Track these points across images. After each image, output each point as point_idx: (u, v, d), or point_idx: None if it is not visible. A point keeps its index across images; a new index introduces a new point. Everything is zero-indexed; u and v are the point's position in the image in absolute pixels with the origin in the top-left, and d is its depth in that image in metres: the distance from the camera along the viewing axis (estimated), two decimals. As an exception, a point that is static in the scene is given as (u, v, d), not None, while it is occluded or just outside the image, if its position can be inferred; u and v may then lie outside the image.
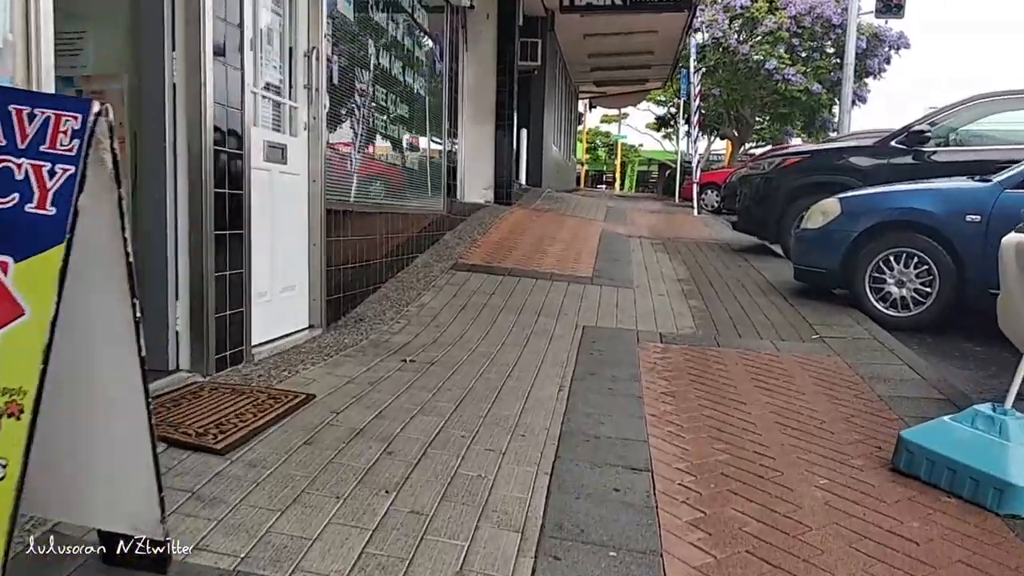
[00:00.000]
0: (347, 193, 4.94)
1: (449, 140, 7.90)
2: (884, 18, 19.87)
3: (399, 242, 6.07)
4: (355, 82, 5.12)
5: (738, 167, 18.33)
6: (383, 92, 5.62)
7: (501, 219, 9.20)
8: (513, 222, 9.23)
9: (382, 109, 5.59)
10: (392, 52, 5.81)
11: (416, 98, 6.54)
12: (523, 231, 8.72)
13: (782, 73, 19.33)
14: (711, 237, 10.16)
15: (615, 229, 10.18)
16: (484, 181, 12.50)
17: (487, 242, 7.74)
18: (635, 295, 6.03)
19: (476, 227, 8.36)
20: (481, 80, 12.46)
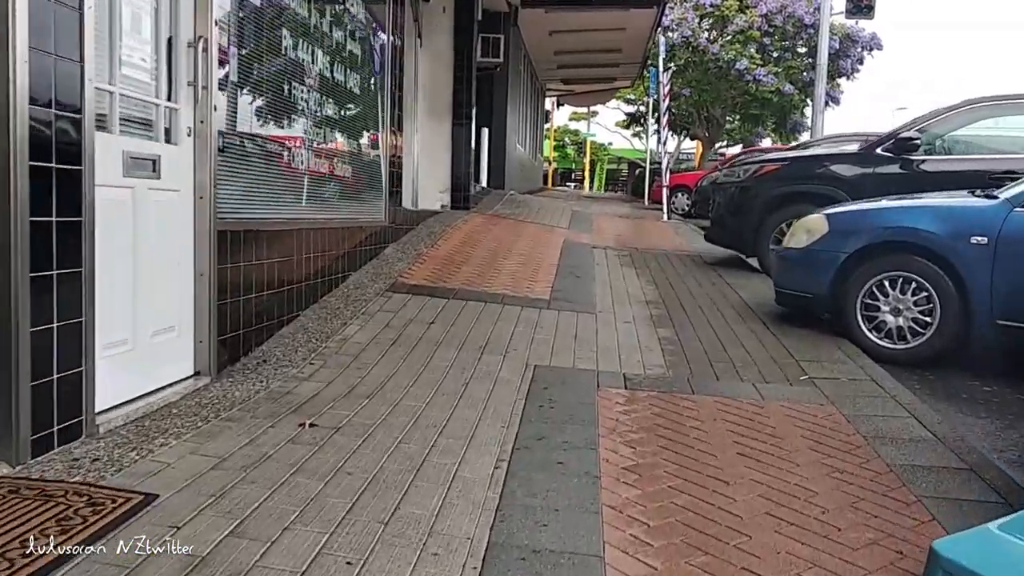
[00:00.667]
0: (250, 208, 4.12)
1: (393, 141, 7.10)
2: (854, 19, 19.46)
3: (325, 261, 5.26)
4: (262, 78, 4.30)
5: (710, 170, 17.79)
6: (302, 89, 4.81)
7: (454, 228, 8.42)
8: (467, 231, 8.45)
9: (300, 108, 4.78)
10: (315, 43, 4.99)
11: (348, 95, 5.73)
12: (477, 242, 7.95)
13: (753, 73, 18.79)
14: (682, 248, 9.47)
15: (579, 238, 9.45)
16: (440, 184, 11.76)
17: (434, 256, 6.95)
18: (597, 322, 5.28)
19: (424, 238, 7.57)
20: (437, 77, 11.69)
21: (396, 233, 7.28)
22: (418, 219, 8.35)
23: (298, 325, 4.63)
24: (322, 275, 5.22)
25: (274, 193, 4.45)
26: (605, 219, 12.98)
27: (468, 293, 5.77)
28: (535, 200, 14.80)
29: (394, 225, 7.18)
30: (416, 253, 6.91)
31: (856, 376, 4.34)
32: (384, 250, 6.82)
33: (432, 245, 7.35)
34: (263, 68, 4.32)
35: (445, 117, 11.76)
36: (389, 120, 6.89)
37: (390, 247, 6.97)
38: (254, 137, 4.24)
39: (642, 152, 43.65)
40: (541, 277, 6.60)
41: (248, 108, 4.14)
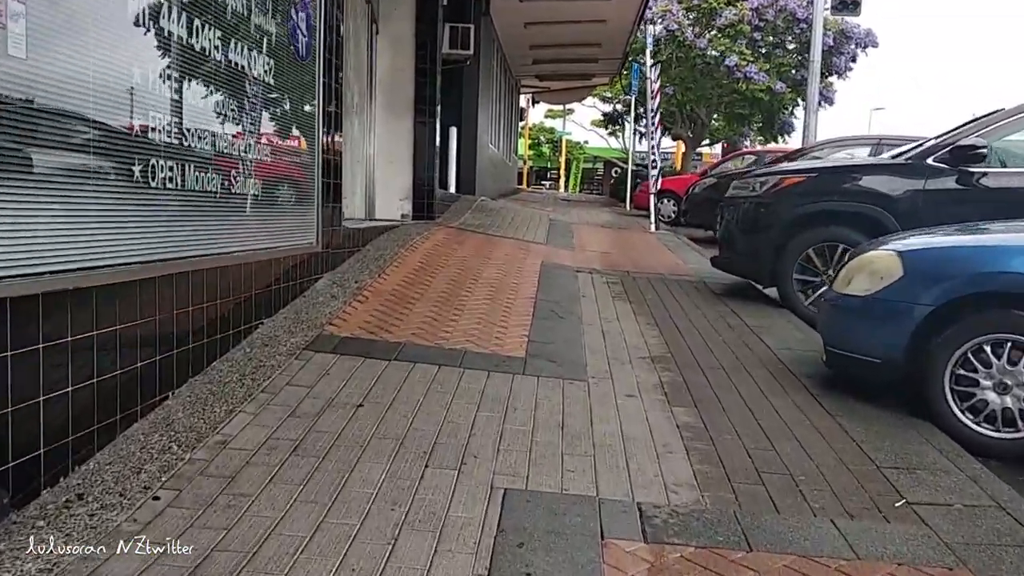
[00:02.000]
0: (59, 253, 2.64)
1: (328, 145, 5.64)
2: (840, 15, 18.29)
3: (217, 312, 3.80)
4: (87, 42, 2.82)
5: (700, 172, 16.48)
6: (170, 75, 3.33)
7: (410, 247, 6.96)
8: (426, 252, 7.00)
9: (164, 99, 3.30)
10: (191, 10, 3.51)
11: (252, 84, 4.25)
12: (437, 267, 6.50)
13: (744, 70, 17.51)
14: (679, 270, 8.11)
15: (559, 258, 8.05)
16: (400, 191, 10.31)
17: (380, 290, 5.50)
18: (591, 397, 3.87)
19: (370, 264, 6.11)
20: (397, 69, 10.24)
21: (333, 259, 5.81)
22: (366, 237, 6.88)
23: (159, 419, 3.15)
24: (212, 332, 3.75)
25: (114, 224, 2.97)
26: (587, 230, 11.60)
27: (417, 350, 4.33)
28: (509, 207, 13.39)
29: (330, 249, 5.72)
30: (357, 286, 5.46)
31: (974, 498, 2.98)
32: (315, 284, 5.36)
33: (379, 274, 5.89)
34: (93, 33, 2.84)
35: (406, 114, 10.31)
36: (322, 119, 5.43)
37: (324, 279, 5.51)
38: (64, 135, 2.75)
39: (618, 151, 42.53)
40: (515, 320, 5.18)
41: (56, 90, 2.65)
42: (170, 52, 3.30)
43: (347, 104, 7.44)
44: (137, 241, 3.07)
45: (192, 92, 3.49)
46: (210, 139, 3.67)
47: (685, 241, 10.90)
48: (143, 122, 3.09)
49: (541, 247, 8.73)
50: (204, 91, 3.65)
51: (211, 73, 3.69)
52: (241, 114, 4.09)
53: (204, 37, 3.58)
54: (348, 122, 7.64)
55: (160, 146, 3.20)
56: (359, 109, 8.36)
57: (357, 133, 8.24)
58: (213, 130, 3.72)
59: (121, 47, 2.95)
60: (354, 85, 7.88)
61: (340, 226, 6.04)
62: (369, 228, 7.17)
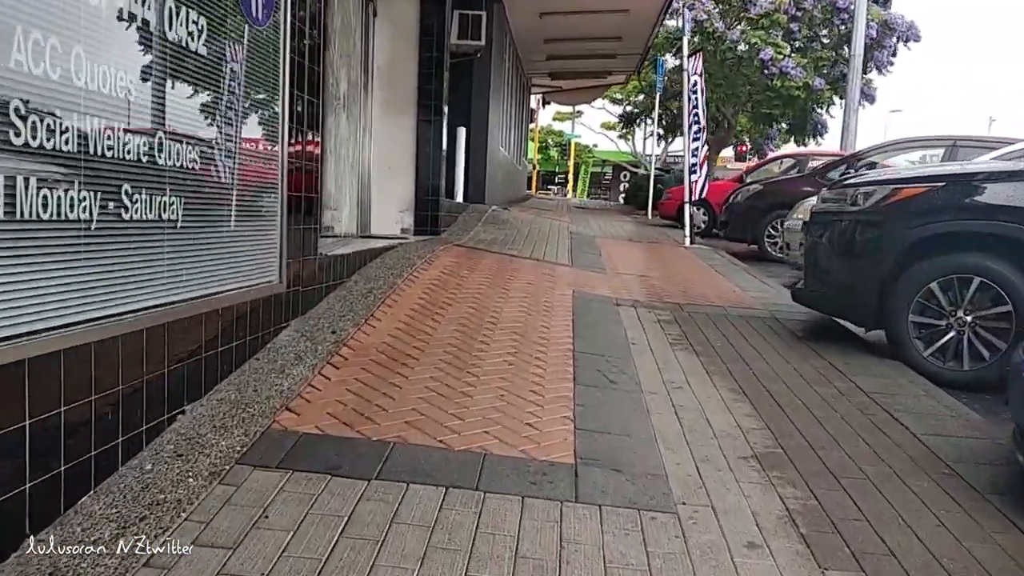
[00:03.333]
0: None
1: (299, 148, 4.21)
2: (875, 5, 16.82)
3: (109, 402, 2.36)
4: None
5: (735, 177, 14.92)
6: None
7: (409, 278, 5.51)
8: (429, 284, 5.55)
9: None
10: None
11: (172, 55, 2.81)
12: (443, 306, 5.05)
13: (779, 65, 16.01)
14: (739, 299, 6.63)
15: (592, 284, 6.59)
16: (401, 202, 8.90)
17: (365, 346, 4.04)
18: (689, 553, 2.41)
19: (356, 304, 4.66)
20: (398, 58, 8.85)
21: (305, 299, 4.36)
22: (353, 264, 5.44)
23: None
24: (84, 446, 2.31)
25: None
26: (613, 245, 10.13)
27: (412, 457, 2.86)
28: (523, 218, 11.93)
29: (301, 287, 4.27)
30: (334, 340, 4.00)
31: None
32: (275, 339, 3.91)
33: (366, 318, 4.44)
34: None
35: (408, 112, 8.90)
36: (289, 111, 3.99)
37: (289, 330, 4.06)
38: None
39: (628, 155, 41.06)
40: (551, 389, 3.71)
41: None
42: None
43: (331, 94, 6.00)
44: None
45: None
46: (76, 131, 2.23)
47: (730, 259, 9.41)
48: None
49: (567, 270, 7.27)
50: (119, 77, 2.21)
51: (88, 24, 2.25)
52: (146, 96, 2.64)
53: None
54: (334, 118, 6.20)
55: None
56: (350, 103, 6.92)
57: (346, 131, 6.79)
58: (95, 117, 2.28)
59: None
60: (342, 72, 6.44)
61: (315, 254, 4.59)
62: (358, 252, 5.72)
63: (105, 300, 2.43)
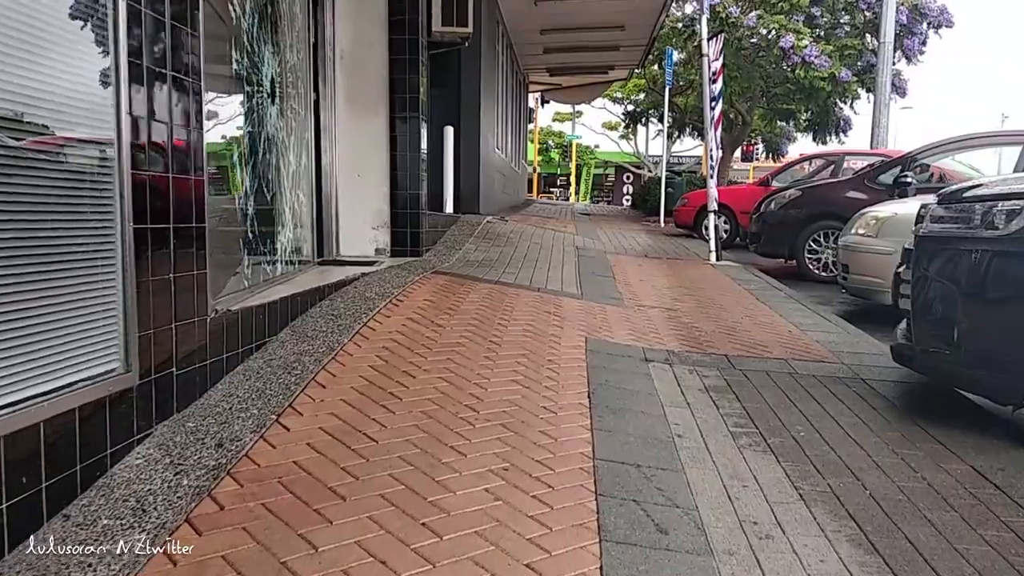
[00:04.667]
0: None
1: (164, 139, 2.70)
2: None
3: None
4: None
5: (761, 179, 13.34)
6: None
7: (361, 334, 3.99)
8: (388, 341, 4.02)
9: None
10: None
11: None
12: (401, 384, 3.52)
13: (801, 53, 14.47)
14: (803, 344, 5.09)
15: (610, 328, 5.07)
16: (372, 216, 7.43)
17: (263, 476, 2.52)
18: None
19: (269, 385, 3.14)
20: (363, 43, 7.41)
21: (182, 391, 2.85)
22: (286, 313, 3.93)
23: None
24: None
25: None
26: (629, 265, 8.60)
27: None
28: (522, 230, 10.41)
29: (171, 371, 2.76)
30: (213, 467, 2.48)
31: None
32: (117, 466, 2.40)
33: (277, 416, 2.92)
34: None
35: (379, 108, 7.43)
36: (125, 94, 2.48)
37: (144, 447, 2.54)
38: None
39: (631, 155, 39.53)
40: (562, 559, 2.20)
41: None
42: None
43: (234, 76, 4.44)
44: None
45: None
46: None
47: (767, 281, 7.89)
48: None
49: (576, 304, 5.75)
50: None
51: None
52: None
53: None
54: (252, 112, 4.65)
55: None
56: (288, 94, 5.40)
57: (284, 131, 5.25)
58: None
59: None
60: (264, 50, 4.90)
61: (206, 313, 3.07)
62: (297, 295, 4.20)
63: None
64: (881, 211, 6.43)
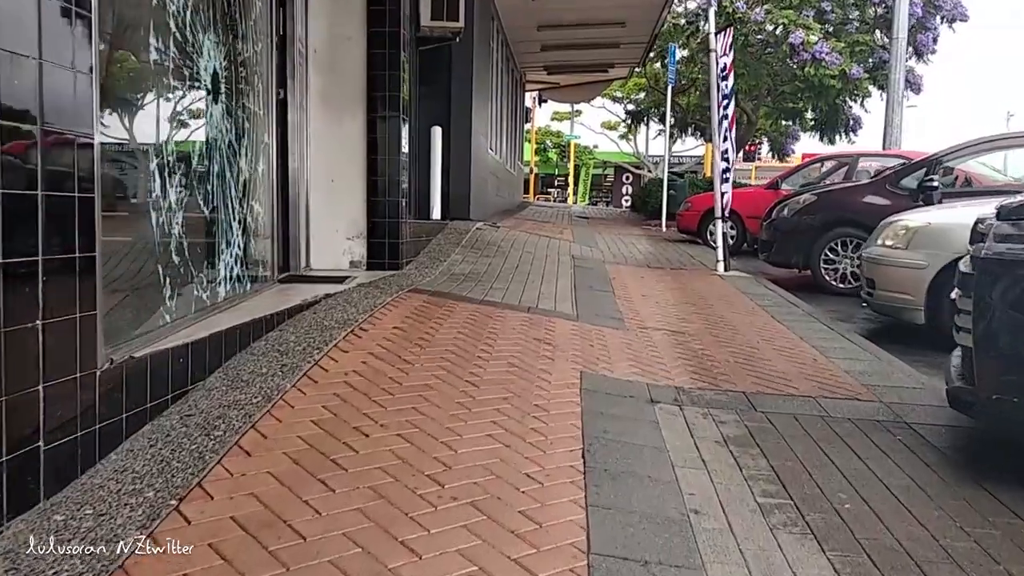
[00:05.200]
0: None
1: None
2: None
3: None
4: None
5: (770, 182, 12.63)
6: None
7: (309, 376, 3.34)
8: (340, 387, 3.37)
9: None
10: None
11: None
12: (363, 428, 2.87)
13: (811, 50, 13.81)
14: (829, 375, 4.42)
15: (608, 359, 4.41)
16: (348, 226, 6.82)
17: None
18: None
19: (191, 444, 2.49)
20: (339, 37, 6.82)
21: (42, 483, 2.20)
22: (218, 352, 3.28)
23: None
24: None
25: None
26: (628, 275, 7.95)
27: None
28: (514, 238, 9.76)
29: (2, 465, 2.11)
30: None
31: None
32: None
33: (180, 500, 2.27)
34: None
35: (355, 107, 6.81)
36: None
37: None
38: None
39: (630, 155, 38.87)
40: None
41: None
42: None
43: (145, 68, 3.78)
44: None
45: None
46: None
47: (781, 295, 7.24)
48: None
49: (571, 328, 5.09)
50: None
51: None
52: None
53: None
54: (188, 98, 3.99)
55: None
56: (240, 91, 4.74)
57: (234, 133, 4.59)
58: None
59: None
60: (204, 39, 4.23)
61: (94, 366, 2.41)
62: (238, 327, 3.54)
63: None
64: (912, 220, 5.78)
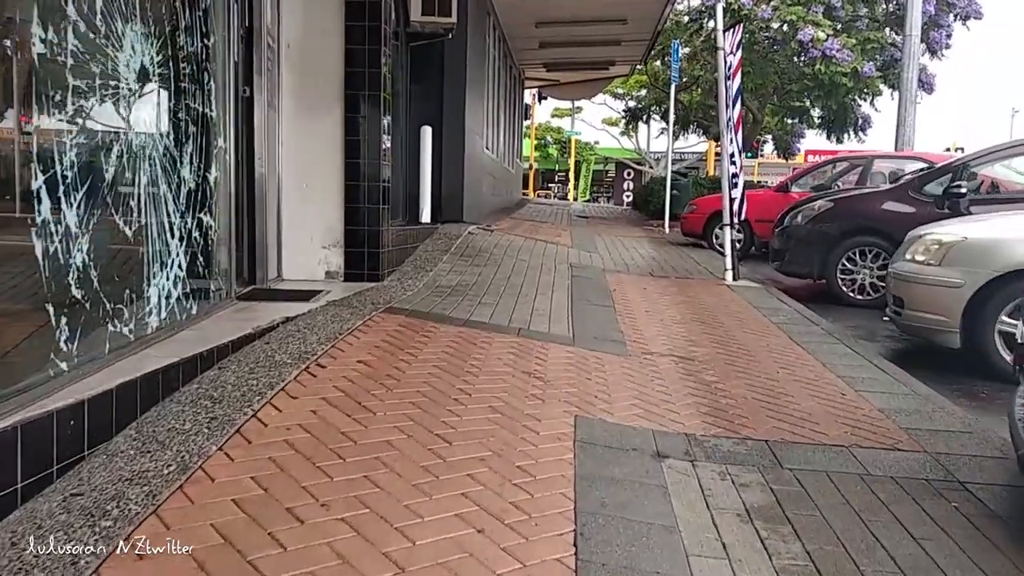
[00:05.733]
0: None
1: None
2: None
3: None
4: None
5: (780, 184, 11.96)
6: None
7: (242, 436, 2.75)
8: (294, 428, 2.78)
9: None
10: None
11: None
12: (293, 520, 2.29)
13: (821, 47, 13.21)
14: (863, 415, 3.81)
15: (607, 395, 3.82)
16: (324, 234, 6.27)
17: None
18: None
19: (46, 559, 1.91)
20: (315, 31, 6.26)
21: None
22: (131, 402, 2.70)
23: None
24: None
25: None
26: (631, 286, 7.36)
27: None
28: (509, 243, 9.17)
29: None
30: None
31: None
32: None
33: None
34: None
35: (331, 106, 6.27)
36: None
37: None
38: None
39: (632, 152, 38.25)
40: None
41: None
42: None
43: (53, 43, 3.18)
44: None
45: None
46: None
47: (796, 309, 6.66)
48: None
49: (565, 355, 4.50)
50: None
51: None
52: None
53: None
54: (97, 97, 3.39)
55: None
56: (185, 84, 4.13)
57: (168, 132, 3.98)
58: None
59: None
60: (128, 30, 3.64)
61: None
62: (160, 372, 2.96)
63: None
64: (945, 234, 5.19)
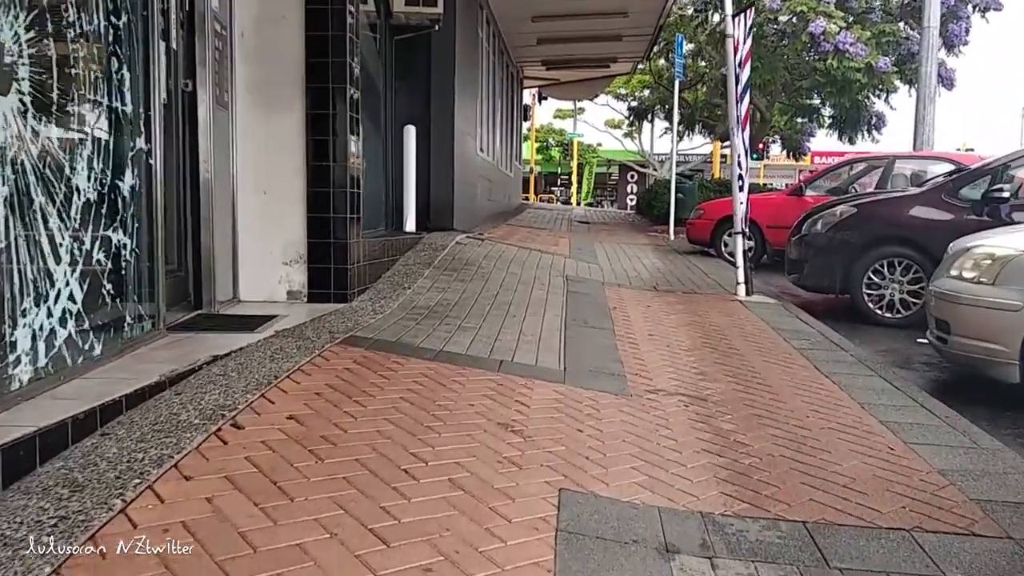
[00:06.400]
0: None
1: None
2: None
3: None
4: None
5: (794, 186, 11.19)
6: None
7: (133, 511, 2.02)
8: (172, 530, 2.04)
9: None
10: None
11: None
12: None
13: (834, 40, 12.48)
14: (920, 476, 3.05)
15: (601, 458, 3.06)
16: (284, 248, 5.53)
17: None
18: None
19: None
20: (269, 18, 5.50)
21: None
22: None
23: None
24: None
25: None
26: (632, 303, 6.61)
27: None
28: (500, 254, 8.43)
29: None
30: None
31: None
32: None
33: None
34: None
35: (291, 103, 5.53)
36: None
37: None
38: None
39: (635, 154, 37.52)
40: None
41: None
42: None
43: None
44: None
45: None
46: None
47: (821, 331, 5.91)
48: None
49: (553, 397, 3.77)
50: None
51: None
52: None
53: None
54: None
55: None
56: (78, 77, 3.40)
57: (49, 138, 3.23)
58: None
59: None
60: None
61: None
62: (18, 443, 2.22)
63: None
64: (997, 246, 4.45)
